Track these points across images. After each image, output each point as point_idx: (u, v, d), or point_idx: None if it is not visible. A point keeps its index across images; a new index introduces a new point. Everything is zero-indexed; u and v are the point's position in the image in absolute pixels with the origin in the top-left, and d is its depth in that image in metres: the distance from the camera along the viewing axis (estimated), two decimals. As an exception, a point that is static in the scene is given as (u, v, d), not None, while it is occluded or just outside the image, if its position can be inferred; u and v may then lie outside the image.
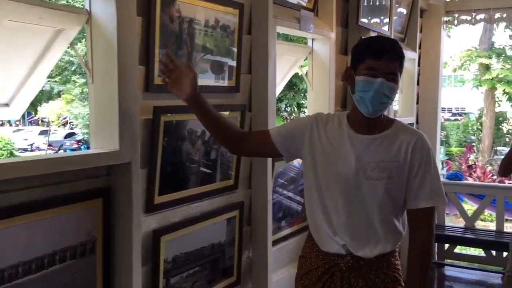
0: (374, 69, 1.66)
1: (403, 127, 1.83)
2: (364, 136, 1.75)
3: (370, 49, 1.69)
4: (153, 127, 1.74)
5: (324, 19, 2.79)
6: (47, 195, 1.43)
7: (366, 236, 1.78)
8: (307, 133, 1.80)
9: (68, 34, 1.54)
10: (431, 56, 4.61)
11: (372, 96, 1.66)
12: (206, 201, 2.05)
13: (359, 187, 1.74)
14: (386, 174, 1.73)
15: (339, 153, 1.75)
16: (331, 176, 1.76)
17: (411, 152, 1.75)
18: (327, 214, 1.77)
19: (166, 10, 1.75)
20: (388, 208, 1.78)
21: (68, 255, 1.47)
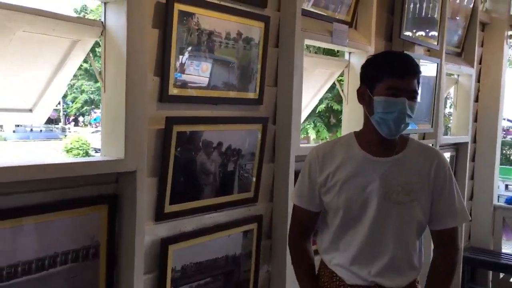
0: (396, 88, 1.59)
1: (420, 145, 1.78)
2: (384, 158, 1.68)
3: (390, 68, 1.61)
4: (165, 137, 1.77)
5: (362, 32, 2.72)
6: (52, 198, 1.49)
7: (396, 265, 1.70)
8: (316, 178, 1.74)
9: (84, 45, 1.61)
10: (492, 72, 4.34)
11: (396, 117, 1.59)
12: (221, 212, 2.05)
13: (387, 214, 1.66)
14: (412, 197, 1.66)
15: (359, 180, 1.67)
16: (355, 206, 1.68)
17: (434, 172, 1.69)
18: (354, 245, 1.70)
19: (183, 22, 1.78)
20: (417, 232, 1.72)
21: (69, 258, 1.53)
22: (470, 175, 4.41)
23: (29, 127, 28.36)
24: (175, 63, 1.77)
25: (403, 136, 1.75)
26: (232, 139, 2.04)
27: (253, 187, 2.19)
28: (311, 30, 2.32)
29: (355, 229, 1.70)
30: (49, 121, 29.25)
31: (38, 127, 28.58)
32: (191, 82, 1.85)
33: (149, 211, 1.78)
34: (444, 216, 1.72)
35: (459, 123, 4.08)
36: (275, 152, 2.29)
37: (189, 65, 1.82)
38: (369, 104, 1.65)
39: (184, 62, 1.81)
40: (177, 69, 1.80)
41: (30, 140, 25.13)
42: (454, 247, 1.75)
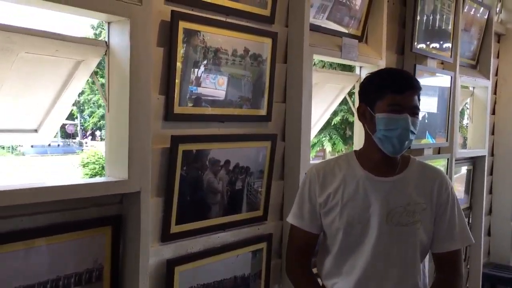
0: (398, 105, 1.56)
1: (422, 165, 1.74)
2: (386, 178, 1.64)
3: (391, 84, 1.58)
4: (171, 156, 1.74)
5: (373, 46, 2.68)
6: (54, 221, 1.47)
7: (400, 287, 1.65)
8: (317, 198, 1.69)
9: (88, 65, 1.60)
10: (508, 84, 4.26)
11: (400, 134, 1.55)
12: (229, 232, 2.01)
13: (390, 236, 1.61)
14: (415, 219, 1.62)
15: (360, 201, 1.63)
16: (357, 227, 1.63)
17: (437, 192, 1.64)
18: (357, 269, 1.64)
19: (189, 40, 1.76)
20: (420, 254, 1.66)
21: (72, 281, 1.50)
22: (488, 189, 4.31)
23: (47, 142, 28.76)
24: (181, 82, 1.75)
25: (405, 156, 1.72)
26: (240, 157, 2.01)
27: (262, 205, 2.14)
28: (319, 45, 2.29)
29: (357, 252, 1.65)
30: (67, 136, 29.66)
31: (55, 142, 28.99)
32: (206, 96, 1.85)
33: (155, 232, 1.74)
34: (444, 238, 1.66)
35: (475, 136, 4.00)
36: (284, 169, 2.25)
37: (204, 78, 1.80)
38: (371, 122, 1.62)
39: (199, 76, 1.79)
40: (193, 83, 1.79)
41: (48, 154, 25.44)
42: (455, 272, 1.68)
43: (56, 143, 29.06)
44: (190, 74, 1.79)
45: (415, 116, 1.58)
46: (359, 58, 2.52)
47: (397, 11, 2.90)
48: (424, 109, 3.12)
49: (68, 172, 17.57)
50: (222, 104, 1.92)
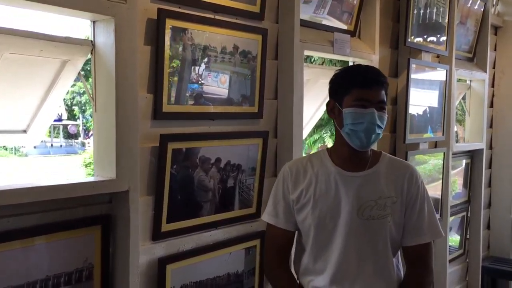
0: (364, 99, 1.58)
1: (393, 159, 1.75)
2: (356, 173, 1.65)
3: (356, 79, 1.61)
4: (160, 154, 1.74)
5: (366, 41, 2.67)
6: (43, 221, 1.47)
7: (375, 282, 1.66)
8: (290, 195, 1.70)
9: (74, 64, 1.60)
10: (506, 76, 4.23)
11: (366, 128, 1.57)
12: (221, 229, 2.01)
13: (361, 230, 1.63)
14: (386, 212, 1.63)
15: (332, 196, 1.64)
16: (329, 223, 1.64)
17: (407, 186, 1.66)
18: (330, 265, 1.65)
19: (176, 38, 1.76)
20: (391, 248, 1.67)
21: (62, 281, 1.50)
22: (487, 182, 4.30)
23: (50, 143, 28.84)
24: (168, 80, 1.75)
25: (376, 151, 1.74)
26: (231, 154, 2.00)
27: (255, 202, 2.14)
28: (311, 41, 2.28)
29: (330, 248, 1.65)
30: (69, 136, 29.70)
31: (58, 142, 29.06)
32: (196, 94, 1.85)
33: (146, 231, 1.75)
34: (413, 232, 1.67)
35: (473, 129, 3.98)
36: (277, 166, 2.25)
37: (193, 76, 1.80)
38: (339, 117, 1.64)
39: (188, 74, 1.78)
40: (182, 81, 1.79)
41: (50, 155, 25.49)
42: (424, 267, 1.69)
43: (59, 143, 29.11)
44: (179, 73, 1.79)
45: (382, 110, 1.60)
46: (352, 53, 2.51)
47: (390, 5, 2.89)
48: (426, 104, 3.12)
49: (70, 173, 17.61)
50: (212, 101, 1.92)
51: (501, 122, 4.28)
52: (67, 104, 28.34)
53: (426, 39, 3.02)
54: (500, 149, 4.29)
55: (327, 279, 1.65)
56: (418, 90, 2.97)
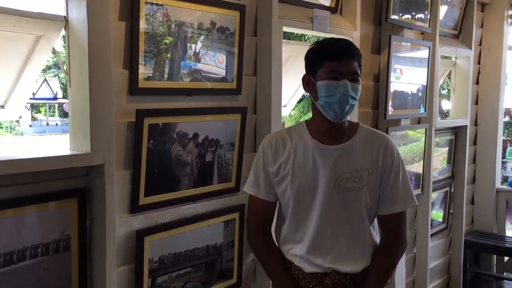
0: (336, 71, 1.61)
1: (369, 131, 1.78)
2: (332, 146, 1.70)
3: (327, 52, 1.64)
4: (136, 129, 1.77)
5: (347, 17, 2.68)
6: (20, 193, 1.51)
7: (350, 251, 1.73)
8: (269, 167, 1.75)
9: (49, 40, 1.62)
10: (492, 53, 4.26)
11: (339, 99, 1.61)
12: (200, 203, 2.06)
13: (338, 202, 1.69)
14: (362, 184, 1.68)
15: (310, 169, 1.69)
16: (307, 195, 1.70)
17: (382, 157, 1.71)
18: (308, 235, 1.72)
19: (151, 14, 1.77)
20: (368, 218, 1.73)
21: (39, 251, 1.55)
22: (472, 158, 4.36)
23: (45, 121, 28.76)
24: (144, 56, 1.77)
25: (353, 123, 1.78)
26: (209, 130, 2.04)
27: (234, 177, 2.18)
28: (289, 17, 2.29)
29: (307, 219, 1.72)
30: (65, 115, 29.59)
31: (54, 121, 28.97)
32: (173, 69, 1.87)
33: (124, 204, 1.79)
34: (387, 201, 1.73)
35: (457, 106, 4.02)
36: (256, 141, 2.28)
37: (170, 52, 1.82)
38: (313, 90, 1.68)
39: (164, 50, 1.80)
40: (157, 57, 1.81)
41: (46, 134, 25.46)
42: (397, 235, 1.76)
43: (55, 122, 29.03)
44: (155, 49, 1.81)
45: (355, 82, 1.63)
46: (332, 30, 2.53)
47: (373, -19, 2.89)
48: (419, 82, 3.16)
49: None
50: (189, 77, 1.94)
51: (486, 99, 4.32)
52: (62, 83, 28.17)
53: (409, 15, 3.03)
54: (485, 126, 4.34)
55: (304, 248, 1.72)
56: (402, 67, 2.99)
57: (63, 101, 27.64)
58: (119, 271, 1.76)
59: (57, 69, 27.82)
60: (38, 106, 29.20)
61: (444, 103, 10.17)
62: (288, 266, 1.78)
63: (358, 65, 1.65)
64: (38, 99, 25.90)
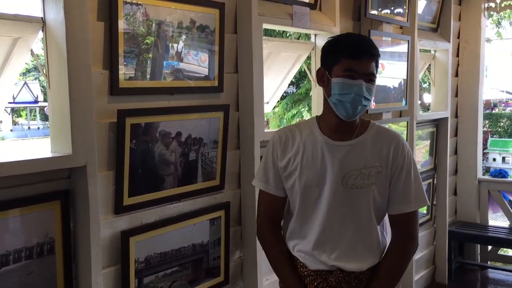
0: (353, 70, 1.58)
1: (380, 129, 1.75)
2: (342, 142, 1.67)
3: (347, 49, 1.60)
4: (118, 130, 1.76)
5: (326, 13, 2.70)
6: (1, 197, 1.49)
7: (356, 249, 1.70)
8: (278, 162, 1.74)
9: (26, 42, 1.60)
10: (470, 46, 4.32)
11: (352, 99, 1.58)
12: (185, 201, 2.06)
13: (345, 198, 1.66)
14: (370, 181, 1.65)
15: (318, 165, 1.67)
16: (314, 191, 1.68)
17: (392, 155, 1.67)
18: (314, 231, 1.70)
19: (130, 13, 1.77)
20: (376, 216, 1.70)
21: (23, 255, 1.53)
22: (454, 150, 4.42)
23: (27, 125, 28.36)
24: (124, 56, 1.76)
25: (364, 120, 1.74)
26: (192, 128, 2.04)
27: (218, 174, 2.19)
28: (269, 14, 2.30)
29: (314, 215, 1.70)
30: (47, 118, 29.21)
31: (35, 125, 28.59)
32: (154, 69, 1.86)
33: (107, 205, 1.78)
34: (399, 201, 1.69)
35: (437, 98, 4.07)
36: (239, 138, 2.29)
37: (149, 52, 1.81)
38: (327, 86, 1.65)
39: (144, 50, 1.80)
40: (137, 57, 1.80)
41: (28, 138, 25.11)
42: (408, 234, 1.72)
43: (36, 126, 28.65)
44: (135, 48, 1.80)
45: (370, 82, 1.60)
46: (312, 26, 2.54)
47: (351, -24, 2.92)
48: (400, 76, 3.19)
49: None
50: (171, 76, 1.94)
51: (466, 91, 4.39)
52: (43, 86, 27.80)
53: (387, 10, 3.06)
54: (465, 118, 4.41)
55: (310, 244, 1.70)
56: (382, 61, 3.02)
57: (44, 104, 27.26)
58: (105, 272, 1.75)
59: (37, 72, 27.48)
60: (19, 110, 28.80)
61: (426, 96, 10.28)
62: (294, 263, 1.76)
63: (375, 65, 1.62)
64: (19, 103, 25.56)
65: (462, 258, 4.49)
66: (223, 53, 2.12)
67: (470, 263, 4.52)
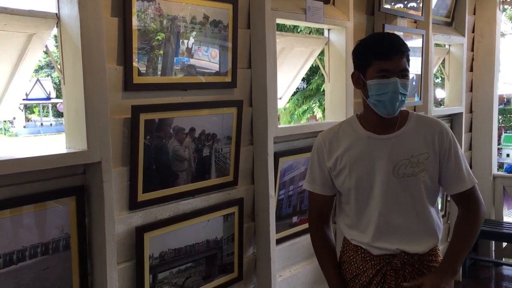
0: (386, 70, 1.64)
1: (420, 117, 1.82)
2: (386, 136, 1.74)
3: (377, 52, 1.66)
4: (132, 125, 1.76)
5: (340, 7, 2.67)
6: (18, 193, 1.50)
7: (415, 233, 1.76)
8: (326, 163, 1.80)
9: (41, 38, 1.60)
10: (485, 40, 4.26)
11: (390, 97, 1.65)
12: (199, 197, 2.05)
13: (398, 188, 1.72)
14: (420, 168, 1.72)
15: (366, 160, 1.74)
16: (366, 185, 1.75)
17: (438, 140, 1.73)
18: (372, 223, 1.76)
19: (143, 9, 1.76)
20: (428, 200, 1.76)
21: (39, 251, 1.54)
22: (468, 145, 4.37)
23: (39, 122, 28.63)
24: (137, 52, 1.75)
25: (403, 111, 1.80)
26: (205, 124, 2.03)
27: (231, 170, 2.18)
28: (282, 9, 2.28)
29: (369, 208, 1.76)
30: (59, 115, 29.47)
31: (48, 121, 28.85)
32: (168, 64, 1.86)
33: (122, 200, 1.78)
34: (454, 181, 1.75)
35: (452, 93, 4.02)
36: (253, 134, 2.28)
37: (164, 47, 1.80)
38: (364, 88, 1.72)
39: (158, 45, 1.79)
40: (152, 52, 1.80)
41: (41, 134, 25.36)
42: (474, 203, 1.78)
43: (49, 122, 28.91)
44: (148, 44, 1.80)
45: (404, 78, 1.65)
46: (325, 20, 2.52)
47: (365, -30, 2.88)
48: (413, 71, 3.16)
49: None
50: (183, 73, 1.93)
51: (481, 86, 4.33)
52: (55, 83, 28.03)
53: (401, 4, 3.02)
54: (480, 113, 4.35)
55: (369, 236, 1.77)
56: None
57: (57, 101, 27.53)
58: (119, 268, 1.75)
59: (49, 69, 27.70)
60: (32, 107, 29.07)
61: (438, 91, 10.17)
62: (355, 250, 1.81)
63: (406, 60, 1.66)
64: (32, 99, 25.80)
65: (476, 255, 4.44)
66: (237, 48, 2.11)
67: (484, 260, 4.47)
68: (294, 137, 2.50)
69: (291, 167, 2.48)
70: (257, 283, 2.36)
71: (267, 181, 2.25)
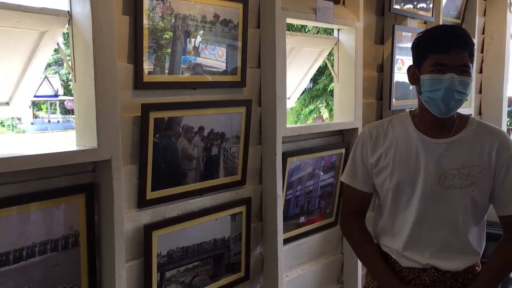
0: (442, 65, 1.50)
1: (482, 125, 1.66)
2: (439, 140, 1.60)
3: (432, 44, 1.52)
4: (142, 124, 1.76)
5: (350, 7, 2.66)
6: (27, 190, 1.51)
7: (450, 249, 1.62)
8: (368, 158, 1.70)
9: (52, 35, 1.61)
10: (495, 42, 4.23)
11: (444, 95, 1.50)
12: (207, 196, 2.06)
13: (441, 198, 1.59)
14: (469, 181, 1.57)
15: (412, 163, 1.61)
16: (407, 189, 1.62)
17: (495, 155, 1.59)
18: (406, 229, 1.64)
19: (154, 8, 1.76)
20: (472, 217, 1.63)
21: (48, 248, 1.55)
22: (476, 148, 4.34)
23: (47, 119, 28.81)
24: (148, 50, 1.76)
25: (463, 116, 1.67)
26: (214, 123, 2.03)
27: (240, 170, 2.18)
28: (293, 9, 2.27)
29: (406, 213, 1.64)
30: (66, 112, 29.64)
31: (55, 118, 29.02)
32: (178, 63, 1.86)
33: (131, 198, 1.79)
34: (508, 202, 1.61)
35: (461, 95, 3.99)
36: (261, 134, 2.28)
37: (174, 46, 1.81)
38: (418, 84, 1.59)
39: (168, 44, 1.80)
40: (162, 51, 1.80)
41: (48, 131, 25.51)
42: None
43: (56, 119, 29.08)
44: (158, 43, 1.80)
45: (464, 74, 1.51)
46: (335, 21, 2.51)
47: (375, -30, 2.87)
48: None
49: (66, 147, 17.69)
50: (194, 71, 1.93)
51: (490, 88, 4.30)
52: (63, 80, 28.19)
53: (411, 5, 3.01)
54: (489, 115, 4.32)
55: (401, 242, 1.66)
56: (403, 57, 2.97)
57: (64, 98, 27.68)
58: (128, 266, 1.76)
59: (57, 66, 27.84)
60: (40, 104, 29.25)
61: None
62: (385, 256, 1.72)
63: (469, 55, 1.52)
64: (39, 96, 25.96)
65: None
66: (246, 48, 2.11)
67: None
68: (302, 137, 2.50)
69: (299, 167, 2.48)
70: (264, 283, 2.36)
71: (275, 181, 2.25)
